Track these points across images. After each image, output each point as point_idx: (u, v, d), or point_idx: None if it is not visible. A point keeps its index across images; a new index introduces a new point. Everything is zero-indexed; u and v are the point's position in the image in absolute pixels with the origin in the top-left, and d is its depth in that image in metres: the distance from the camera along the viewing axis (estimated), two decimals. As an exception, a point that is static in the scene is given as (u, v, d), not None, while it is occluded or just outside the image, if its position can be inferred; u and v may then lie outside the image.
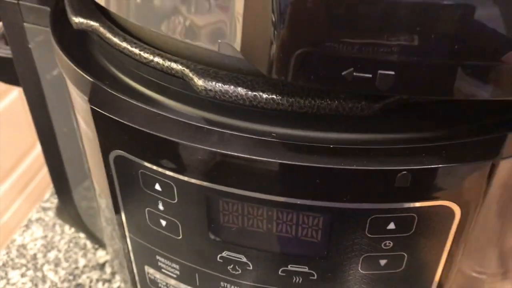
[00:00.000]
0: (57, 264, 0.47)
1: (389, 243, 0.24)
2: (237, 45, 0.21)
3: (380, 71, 0.19)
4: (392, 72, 0.19)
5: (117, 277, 0.45)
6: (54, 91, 0.37)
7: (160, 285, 0.30)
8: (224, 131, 0.23)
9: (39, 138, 0.42)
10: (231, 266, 0.26)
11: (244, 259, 0.26)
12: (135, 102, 0.24)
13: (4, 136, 1.22)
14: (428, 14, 0.18)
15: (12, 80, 0.41)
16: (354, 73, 0.19)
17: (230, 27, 0.21)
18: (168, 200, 0.25)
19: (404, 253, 0.25)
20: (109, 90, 0.25)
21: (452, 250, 0.25)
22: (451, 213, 0.23)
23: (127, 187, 0.27)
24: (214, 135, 0.23)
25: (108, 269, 0.46)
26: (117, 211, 0.29)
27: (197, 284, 0.28)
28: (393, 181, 0.22)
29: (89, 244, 0.48)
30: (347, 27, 0.19)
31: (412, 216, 0.23)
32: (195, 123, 0.23)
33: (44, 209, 0.53)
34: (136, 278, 0.32)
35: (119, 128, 0.24)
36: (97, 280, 0.45)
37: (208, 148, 0.22)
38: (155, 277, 0.30)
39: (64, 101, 0.33)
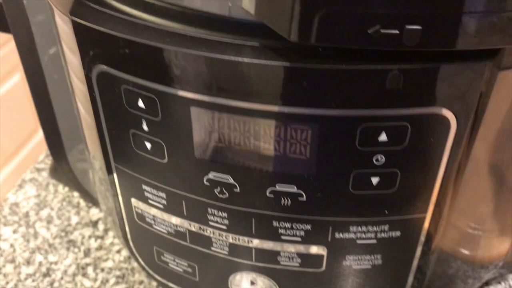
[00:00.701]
0: (49, 221, 0.46)
1: (381, 157, 0.23)
2: (250, 7, 0.20)
3: (407, 27, 0.18)
4: (419, 27, 0.18)
5: (110, 234, 0.45)
6: (44, 35, 0.37)
7: (147, 218, 0.30)
8: (209, 37, 0.22)
9: (32, 93, 0.41)
10: (218, 189, 0.26)
11: (231, 180, 0.25)
12: (115, 13, 0.23)
13: (6, 121, 1.22)
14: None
15: (2, 27, 0.40)
16: (381, 30, 0.18)
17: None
18: (152, 118, 0.24)
19: (397, 170, 0.23)
20: (90, 4, 0.24)
21: (448, 170, 0.24)
22: (447, 123, 0.22)
23: (110, 109, 0.26)
24: (196, 40, 0.22)
25: (101, 226, 0.45)
26: (102, 139, 0.28)
27: (184, 213, 0.28)
28: (384, 83, 0.21)
29: (82, 203, 0.48)
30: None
31: (404, 125, 0.22)
32: (179, 32, 0.22)
33: (38, 170, 0.52)
34: (124, 215, 0.31)
35: (100, 39, 0.24)
36: (90, 237, 0.44)
37: (193, 52, 0.22)
38: (142, 210, 0.29)
39: (55, 45, 0.32)
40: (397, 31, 0.18)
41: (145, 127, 0.25)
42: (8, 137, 1.23)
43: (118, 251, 0.43)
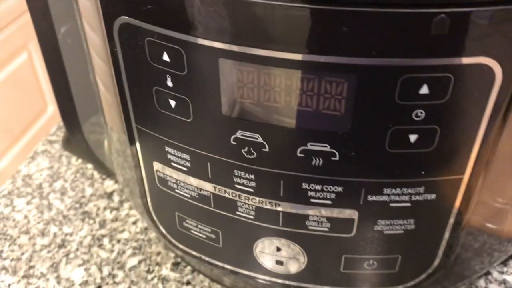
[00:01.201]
0: (63, 193, 0.45)
1: (421, 112, 0.22)
2: None
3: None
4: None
5: (125, 205, 0.44)
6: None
7: (169, 183, 0.29)
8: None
9: (47, 67, 0.40)
10: (246, 149, 0.24)
11: (260, 139, 0.24)
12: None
13: (14, 100, 1.21)
14: None
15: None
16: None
17: None
18: (178, 72, 0.23)
19: (436, 127, 0.22)
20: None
21: (489, 128, 0.23)
22: (492, 75, 0.21)
23: (133, 64, 0.25)
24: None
25: (116, 198, 0.44)
26: (122, 100, 0.27)
27: (209, 175, 0.26)
28: (429, 28, 0.19)
29: (96, 175, 0.47)
30: None
31: (447, 76, 0.21)
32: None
33: (50, 142, 0.51)
34: (145, 182, 0.30)
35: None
36: (105, 208, 0.44)
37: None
38: (164, 174, 0.28)
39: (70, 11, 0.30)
40: None
41: (169, 83, 0.24)
42: (16, 116, 1.22)
43: (134, 223, 0.42)
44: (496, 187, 0.28)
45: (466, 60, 0.20)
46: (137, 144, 0.28)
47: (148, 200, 0.32)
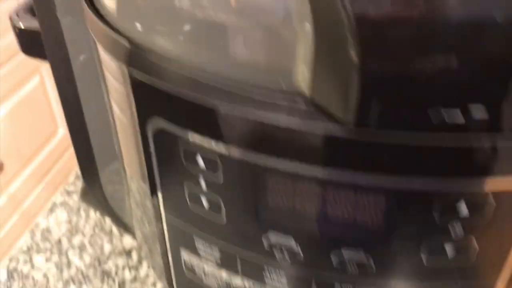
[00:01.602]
0: (82, 249, 0.45)
1: (459, 230, 0.21)
2: (304, 86, 0.19)
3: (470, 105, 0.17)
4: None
5: (144, 264, 0.44)
6: (83, 64, 0.36)
7: (197, 271, 0.28)
8: (277, 102, 0.20)
9: (65, 115, 0.40)
10: (279, 254, 0.24)
11: (293, 244, 0.24)
12: (175, 69, 0.22)
13: (26, 123, 1.22)
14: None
15: (40, 53, 0.39)
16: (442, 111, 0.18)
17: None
18: (212, 178, 0.23)
19: (475, 243, 0.22)
20: (148, 56, 0.23)
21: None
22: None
23: (166, 166, 0.25)
24: (265, 104, 0.21)
25: (135, 256, 0.44)
26: (153, 192, 0.27)
27: (239, 270, 0.26)
28: (469, 158, 0.19)
29: (115, 230, 0.47)
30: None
31: (487, 198, 0.20)
32: (243, 93, 0.21)
33: (68, 193, 0.51)
34: (171, 264, 0.30)
35: (159, 96, 0.22)
36: (124, 267, 0.43)
37: (261, 119, 0.20)
38: (191, 262, 0.28)
39: (94, 75, 0.31)
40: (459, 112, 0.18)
41: (203, 187, 0.24)
42: (27, 138, 1.23)
43: (154, 284, 0.42)
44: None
45: (505, 184, 0.20)
46: (165, 232, 0.28)
47: (173, 279, 0.31)
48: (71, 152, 0.41)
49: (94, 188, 0.44)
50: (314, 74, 0.19)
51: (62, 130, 1.37)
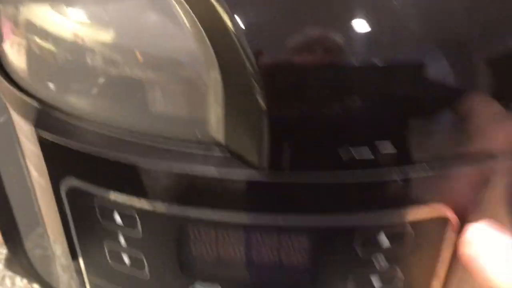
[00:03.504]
0: (8, 321, 0.42)
1: (382, 260, 0.22)
2: (218, 135, 0.20)
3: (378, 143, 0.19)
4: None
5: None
6: (1, 127, 0.34)
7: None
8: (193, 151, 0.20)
9: None
10: (208, 305, 0.23)
11: (222, 294, 0.23)
12: (86, 126, 0.21)
13: None
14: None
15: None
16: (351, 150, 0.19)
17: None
18: (131, 234, 0.22)
19: (400, 272, 0.22)
20: (57, 115, 0.22)
21: (451, 266, 0.23)
22: (447, 223, 0.21)
23: (83, 224, 0.24)
24: (180, 155, 0.20)
25: (67, 322, 0.41)
26: (73, 254, 0.26)
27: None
28: (387, 192, 0.20)
29: (44, 296, 0.44)
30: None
31: (407, 229, 0.21)
32: (157, 145, 0.21)
33: (-8, 261, 0.47)
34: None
35: (70, 155, 0.21)
36: (55, 336, 0.40)
37: (177, 170, 0.20)
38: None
39: (9, 138, 0.29)
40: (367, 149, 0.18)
41: (123, 244, 0.23)
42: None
43: None
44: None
45: (422, 213, 0.21)
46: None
47: None
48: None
49: (19, 254, 0.42)
50: (226, 121, 0.19)
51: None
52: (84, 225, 0.24)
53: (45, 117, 0.22)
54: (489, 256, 0.19)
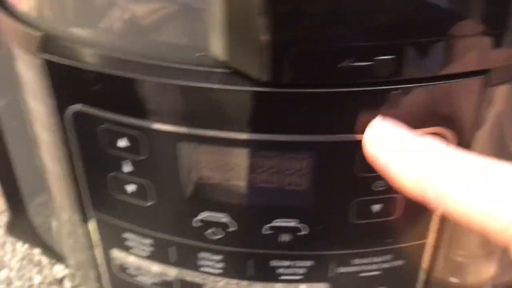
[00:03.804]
0: (9, 283, 0.42)
1: (380, 183, 0.22)
2: (219, 54, 0.20)
3: (378, 58, 0.19)
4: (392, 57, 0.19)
5: (79, 291, 0.41)
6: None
7: (129, 270, 0.27)
8: (192, 68, 0.21)
9: None
10: (211, 230, 0.24)
11: (225, 219, 0.23)
12: (88, 48, 0.22)
13: None
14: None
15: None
16: (352, 64, 0.19)
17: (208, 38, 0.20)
18: (136, 157, 0.23)
19: (396, 196, 0.23)
20: (62, 42, 0.22)
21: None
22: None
23: (88, 152, 0.24)
24: (179, 71, 0.21)
25: (67, 284, 0.42)
26: (76, 187, 0.26)
27: (172, 260, 0.25)
28: (383, 104, 0.20)
29: (44, 260, 0.44)
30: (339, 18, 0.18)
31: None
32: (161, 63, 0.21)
33: (-8, 228, 0.48)
34: (101, 268, 0.29)
35: (76, 76, 0.22)
36: (56, 296, 0.41)
37: (182, 84, 0.20)
38: (122, 261, 0.27)
39: (10, 84, 0.30)
40: (368, 63, 0.19)
41: (128, 168, 0.23)
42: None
43: (89, 310, 0.39)
44: (458, 243, 0.28)
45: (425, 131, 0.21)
46: (93, 232, 0.27)
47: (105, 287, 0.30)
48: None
49: (22, 219, 0.42)
50: (228, 36, 0.20)
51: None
52: (90, 156, 0.24)
53: (51, 42, 0.22)
54: (391, 153, 0.18)
